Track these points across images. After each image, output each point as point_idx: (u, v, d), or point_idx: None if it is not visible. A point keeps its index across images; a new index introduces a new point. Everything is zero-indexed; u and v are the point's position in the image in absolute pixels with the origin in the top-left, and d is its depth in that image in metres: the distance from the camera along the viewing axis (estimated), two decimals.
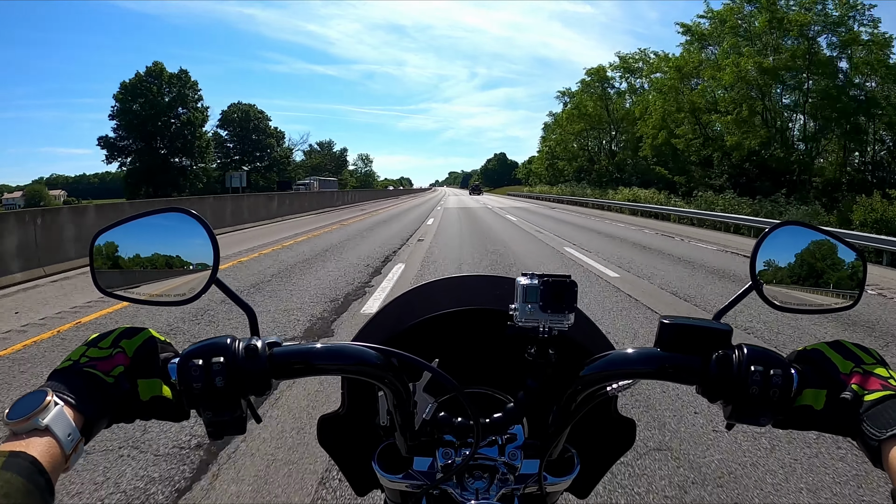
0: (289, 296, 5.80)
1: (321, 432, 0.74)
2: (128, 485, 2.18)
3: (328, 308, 5.25)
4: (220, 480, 2.22)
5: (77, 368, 0.50)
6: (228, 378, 0.50)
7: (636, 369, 0.56)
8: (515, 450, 0.64)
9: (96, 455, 2.37)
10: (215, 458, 2.40)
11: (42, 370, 3.47)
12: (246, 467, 2.33)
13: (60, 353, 3.77)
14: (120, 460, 2.36)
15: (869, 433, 0.47)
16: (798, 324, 4.50)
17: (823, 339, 0.58)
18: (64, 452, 0.44)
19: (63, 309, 5.26)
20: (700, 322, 0.56)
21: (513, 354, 0.65)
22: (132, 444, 2.49)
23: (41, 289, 6.40)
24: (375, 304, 5.41)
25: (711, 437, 2.62)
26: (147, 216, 0.58)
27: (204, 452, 2.43)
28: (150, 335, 0.55)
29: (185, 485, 2.18)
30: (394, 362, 0.57)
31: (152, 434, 2.58)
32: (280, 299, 5.63)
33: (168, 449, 2.46)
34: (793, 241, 0.60)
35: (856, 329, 4.55)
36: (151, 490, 2.14)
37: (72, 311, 5.17)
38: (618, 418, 0.73)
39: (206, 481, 2.21)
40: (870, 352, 0.53)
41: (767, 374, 0.51)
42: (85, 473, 2.23)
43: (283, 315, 4.96)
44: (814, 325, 4.53)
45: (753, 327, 4.38)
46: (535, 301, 0.57)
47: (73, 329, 4.52)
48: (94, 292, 5.87)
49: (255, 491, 2.15)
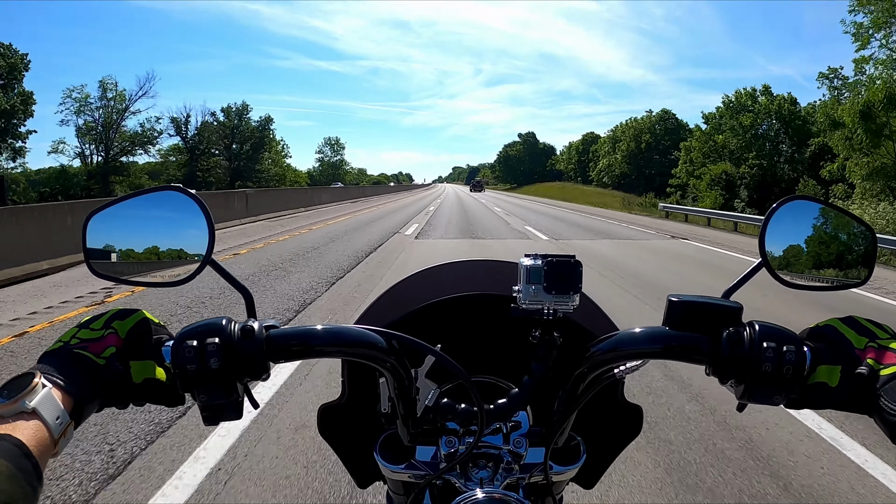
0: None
1: (321, 422, 0.73)
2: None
3: None
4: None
5: (67, 350, 0.49)
6: (224, 360, 0.49)
7: (644, 349, 0.55)
8: (520, 437, 0.62)
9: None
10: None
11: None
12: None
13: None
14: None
15: (887, 408, 0.45)
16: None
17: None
18: (52, 436, 0.43)
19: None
20: (710, 300, 0.54)
21: (516, 341, 0.63)
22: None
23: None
24: None
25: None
26: (140, 195, 0.56)
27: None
28: (144, 316, 0.53)
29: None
30: (395, 346, 0.56)
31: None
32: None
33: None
34: (801, 216, 0.59)
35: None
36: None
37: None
38: (624, 404, 0.72)
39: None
40: (884, 327, 0.52)
41: (780, 350, 0.49)
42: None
43: None
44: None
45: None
46: (539, 282, 0.56)
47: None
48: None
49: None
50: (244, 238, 10.72)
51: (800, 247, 0.59)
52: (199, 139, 45.51)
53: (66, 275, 6.79)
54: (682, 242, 12.42)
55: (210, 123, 46.57)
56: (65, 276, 6.75)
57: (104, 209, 0.55)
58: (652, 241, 12.46)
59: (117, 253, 0.56)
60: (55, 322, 4.63)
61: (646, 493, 2.16)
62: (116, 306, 0.51)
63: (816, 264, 0.59)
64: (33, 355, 3.84)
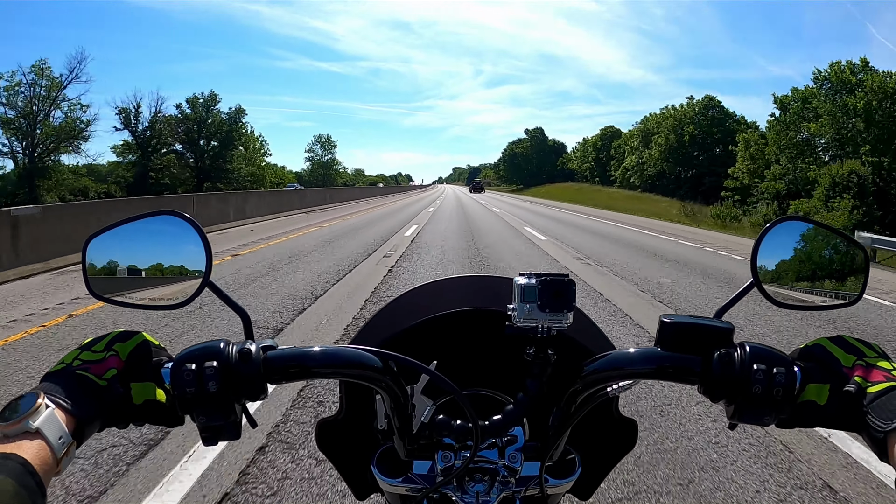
0: None
1: (320, 437, 0.73)
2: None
3: None
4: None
5: (70, 371, 0.50)
6: (221, 382, 0.50)
7: (637, 369, 0.56)
8: (516, 452, 0.63)
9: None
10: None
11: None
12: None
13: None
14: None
15: (874, 425, 0.46)
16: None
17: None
18: (55, 456, 0.44)
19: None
20: (701, 320, 0.55)
21: (512, 355, 0.64)
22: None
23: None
24: None
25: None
26: (139, 220, 0.57)
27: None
28: (144, 339, 0.54)
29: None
30: (391, 365, 0.56)
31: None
32: None
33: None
34: (794, 236, 0.59)
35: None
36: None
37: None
38: (619, 419, 0.73)
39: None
40: (871, 346, 0.52)
41: (770, 372, 0.50)
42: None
43: None
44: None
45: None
46: (534, 300, 0.57)
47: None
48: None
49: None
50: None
51: (792, 266, 0.59)
52: (152, 134, 37.58)
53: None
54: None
55: (166, 116, 38.32)
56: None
57: (103, 233, 0.56)
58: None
59: (116, 276, 0.57)
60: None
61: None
62: (117, 328, 0.52)
63: (808, 284, 0.60)
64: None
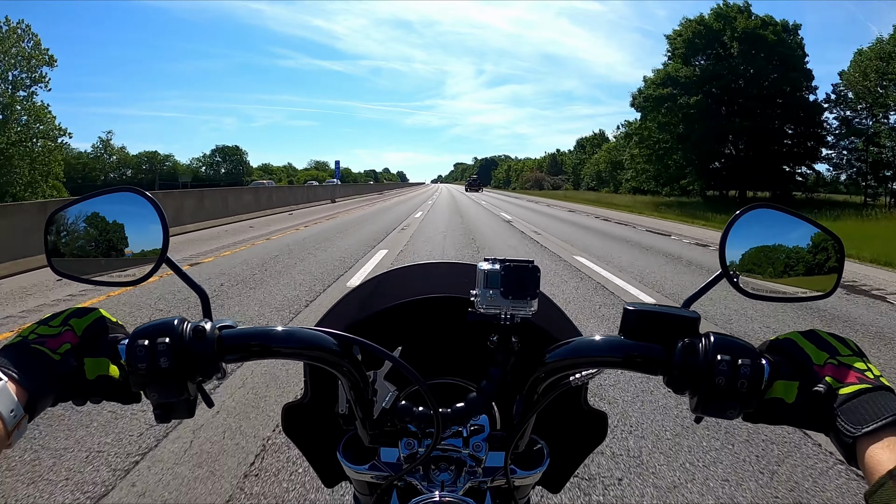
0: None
1: (285, 421, 0.73)
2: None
3: None
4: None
5: (25, 344, 0.50)
6: (174, 359, 0.50)
7: (600, 357, 0.54)
8: (480, 441, 0.62)
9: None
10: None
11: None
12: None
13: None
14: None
15: (843, 429, 0.44)
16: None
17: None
18: (6, 428, 0.43)
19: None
20: (666, 309, 0.53)
21: (478, 342, 0.63)
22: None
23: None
24: None
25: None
26: (98, 196, 0.57)
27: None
28: (101, 315, 0.54)
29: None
30: (352, 350, 0.56)
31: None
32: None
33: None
34: (765, 225, 0.57)
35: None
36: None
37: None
38: (588, 411, 0.71)
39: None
40: (846, 342, 0.50)
41: (735, 364, 0.48)
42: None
43: None
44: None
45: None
46: (497, 287, 0.56)
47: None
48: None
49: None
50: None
51: (763, 257, 0.57)
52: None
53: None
54: None
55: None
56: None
57: (62, 210, 0.56)
58: None
59: (77, 252, 0.57)
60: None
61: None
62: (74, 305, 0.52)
63: (780, 275, 0.57)
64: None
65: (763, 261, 0.57)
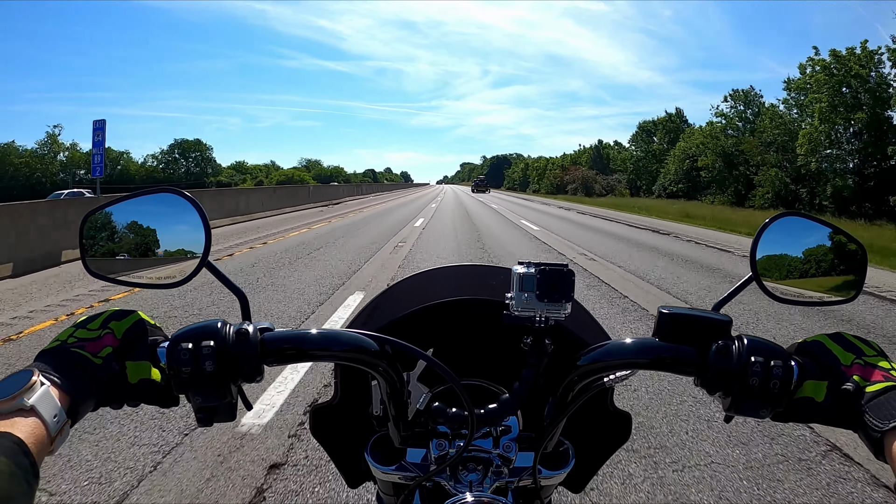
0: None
1: (314, 423, 0.73)
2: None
3: None
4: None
5: (65, 349, 0.49)
6: (218, 362, 0.49)
7: (634, 359, 0.56)
8: (510, 442, 0.63)
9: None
10: None
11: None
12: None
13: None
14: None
15: (871, 425, 0.46)
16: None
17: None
18: (49, 434, 0.43)
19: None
20: (699, 312, 0.55)
21: (508, 345, 0.64)
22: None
23: None
24: None
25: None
26: (137, 197, 0.57)
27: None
28: (140, 318, 0.54)
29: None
30: (388, 350, 0.56)
31: None
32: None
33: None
34: (793, 232, 0.59)
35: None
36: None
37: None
38: (614, 411, 0.73)
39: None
40: (871, 344, 0.53)
41: (768, 365, 0.50)
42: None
43: None
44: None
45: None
46: (532, 290, 0.57)
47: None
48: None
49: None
50: None
51: (791, 262, 0.60)
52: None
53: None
54: None
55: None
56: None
57: (100, 210, 0.56)
58: None
59: (112, 253, 0.57)
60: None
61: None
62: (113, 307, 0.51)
63: (806, 280, 0.60)
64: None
65: (790, 266, 0.60)
